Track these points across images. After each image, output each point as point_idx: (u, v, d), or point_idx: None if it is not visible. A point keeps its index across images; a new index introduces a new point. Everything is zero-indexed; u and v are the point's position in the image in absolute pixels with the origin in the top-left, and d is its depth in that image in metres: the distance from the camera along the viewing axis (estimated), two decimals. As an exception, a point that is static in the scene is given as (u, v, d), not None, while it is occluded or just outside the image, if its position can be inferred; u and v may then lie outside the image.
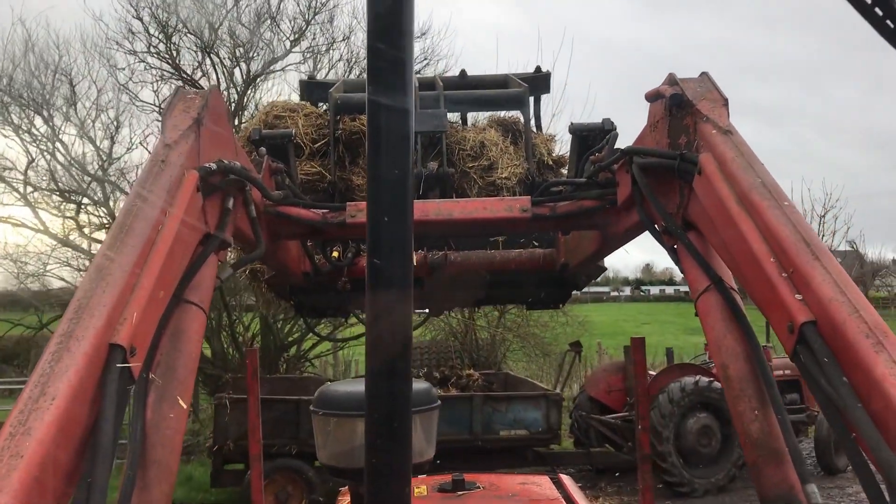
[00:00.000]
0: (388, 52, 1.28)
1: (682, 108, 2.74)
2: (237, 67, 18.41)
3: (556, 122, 18.28)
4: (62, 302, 17.35)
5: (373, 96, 1.27)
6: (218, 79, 17.84)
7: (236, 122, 16.29)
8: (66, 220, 18.27)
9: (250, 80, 18.31)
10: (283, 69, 18.72)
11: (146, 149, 17.84)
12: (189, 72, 17.82)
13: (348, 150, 4.85)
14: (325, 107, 5.18)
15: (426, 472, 2.55)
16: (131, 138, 20.01)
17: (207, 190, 2.67)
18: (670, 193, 2.78)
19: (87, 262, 17.41)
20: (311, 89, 5.40)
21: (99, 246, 15.49)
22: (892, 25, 1.76)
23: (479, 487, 2.97)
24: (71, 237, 18.08)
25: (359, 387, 1.97)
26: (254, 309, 16.38)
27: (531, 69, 5.51)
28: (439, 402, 2.07)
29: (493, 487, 3.00)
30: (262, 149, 3.79)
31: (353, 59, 18.50)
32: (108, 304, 1.99)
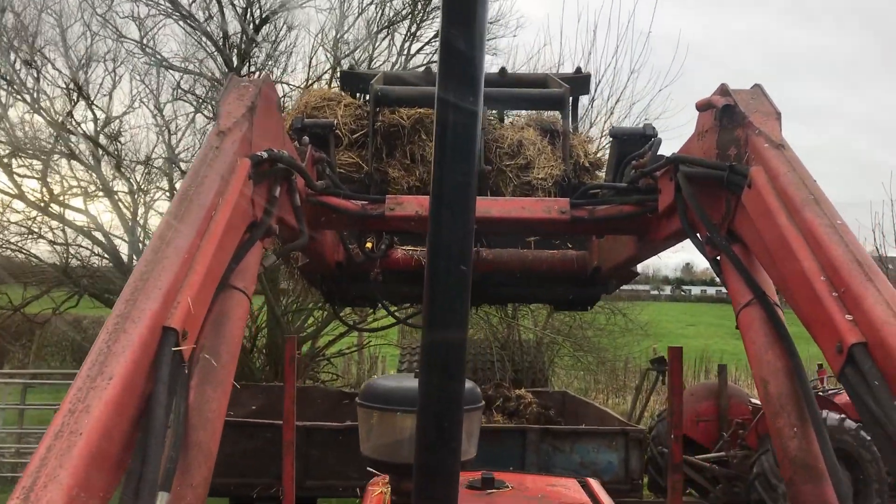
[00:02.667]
0: (462, 51, 1.28)
1: (733, 120, 2.72)
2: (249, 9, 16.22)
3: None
4: (41, 279, 15.71)
5: (443, 94, 1.27)
6: (222, 11, 15.67)
7: (246, 69, 14.97)
8: (46, 185, 15.76)
9: (263, 19, 16.13)
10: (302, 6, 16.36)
11: (146, 106, 15.94)
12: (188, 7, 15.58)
13: (386, 142, 4.87)
14: (363, 98, 5.22)
15: (466, 470, 2.58)
16: (132, 96, 17.11)
17: (257, 178, 2.70)
18: (715, 204, 2.76)
19: (68, 233, 15.76)
20: (351, 80, 5.43)
21: (84, 218, 14.68)
22: None
23: (508, 487, 2.98)
24: (53, 206, 15.59)
25: (405, 382, 1.99)
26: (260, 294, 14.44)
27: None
28: (483, 402, 2.08)
29: (521, 487, 3.02)
30: (306, 138, 3.82)
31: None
32: (164, 287, 2.03)
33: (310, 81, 15.26)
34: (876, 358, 1.91)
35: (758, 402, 10.29)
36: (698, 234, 2.86)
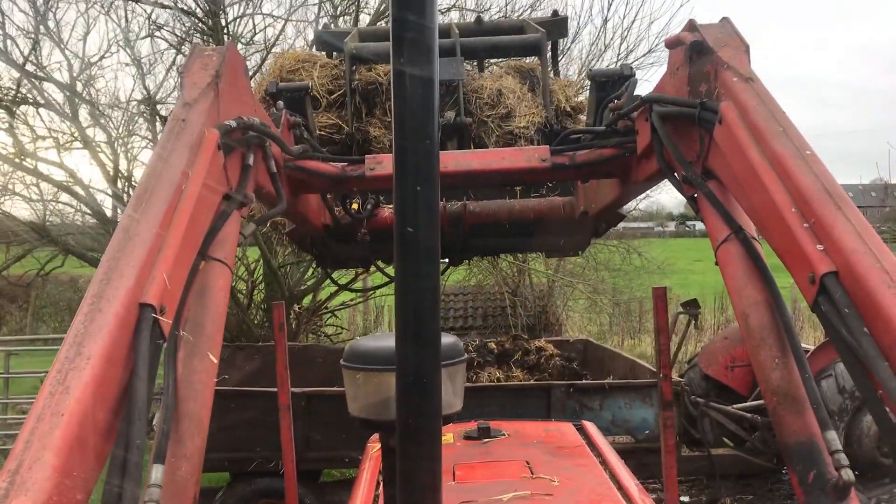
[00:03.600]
0: (413, 21, 1.27)
1: (702, 55, 2.69)
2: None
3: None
4: (22, 240, 14.49)
5: (398, 66, 1.27)
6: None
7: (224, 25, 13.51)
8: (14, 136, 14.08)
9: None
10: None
11: (122, 48, 14.09)
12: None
13: (365, 100, 4.83)
14: (339, 57, 5.15)
15: (454, 422, 2.62)
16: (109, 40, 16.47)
17: (228, 147, 2.68)
18: (690, 142, 2.75)
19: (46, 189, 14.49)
20: (326, 40, 5.35)
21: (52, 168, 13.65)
22: None
23: (504, 435, 3.04)
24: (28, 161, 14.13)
25: (386, 342, 2.01)
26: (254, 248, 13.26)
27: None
28: (466, 356, 2.10)
29: (517, 435, 3.07)
30: (280, 103, 3.79)
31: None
32: (137, 264, 2.03)
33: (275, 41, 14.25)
34: (846, 286, 1.93)
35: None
36: (675, 174, 2.85)
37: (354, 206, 4.71)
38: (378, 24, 12.76)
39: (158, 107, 13.86)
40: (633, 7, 19.12)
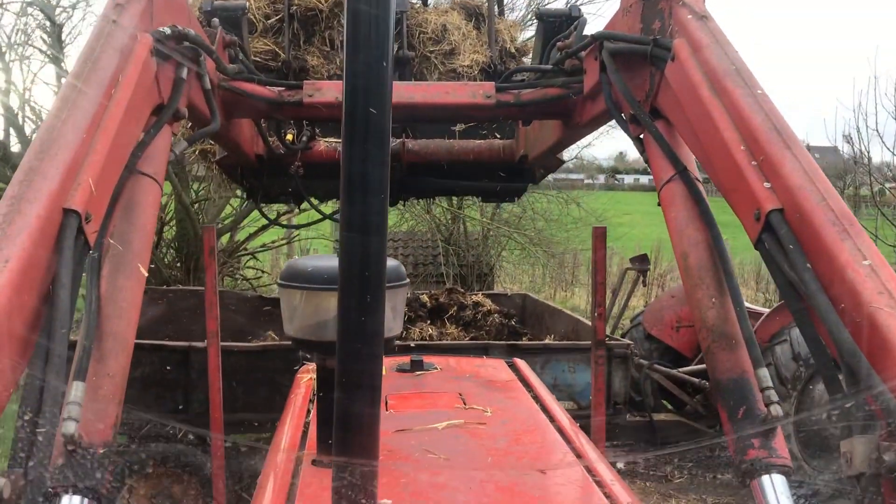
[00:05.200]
0: None
1: None
2: None
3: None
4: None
5: None
6: None
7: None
8: None
9: None
10: None
11: None
12: None
13: (303, 27, 4.66)
14: None
15: (394, 347, 2.58)
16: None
17: (161, 56, 2.53)
18: (640, 81, 2.73)
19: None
20: None
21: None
22: None
23: (436, 368, 3.03)
24: None
25: (327, 262, 1.94)
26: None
27: None
28: (408, 280, 2.06)
29: (449, 369, 3.06)
30: (216, 20, 3.60)
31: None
32: (61, 167, 1.90)
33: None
34: (791, 223, 1.95)
35: (752, 305, 9.67)
36: (623, 113, 2.84)
37: (289, 137, 4.56)
38: None
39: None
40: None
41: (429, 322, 8.52)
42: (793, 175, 1.98)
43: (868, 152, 16.81)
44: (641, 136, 2.74)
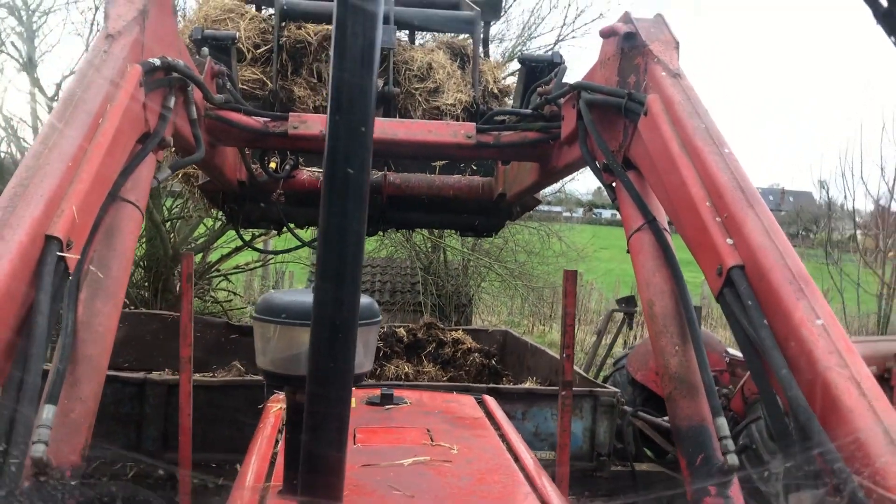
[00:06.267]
0: None
1: (634, 48, 2.77)
2: None
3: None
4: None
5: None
6: None
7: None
8: None
9: None
10: None
11: None
12: None
13: (292, 58, 4.73)
14: (268, 12, 5.01)
15: (362, 383, 2.62)
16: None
17: (150, 86, 2.58)
18: (614, 131, 2.83)
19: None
20: None
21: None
22: (884, 4, 1.83)
23: (406, 403, 3.06)
24: None
25: (302, 297, 1.99)
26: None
27: None
28: (380, 317, 2.11)
29: (419, 403, 3.10)
30: (205, 49, 3.66)
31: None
32: (46, 194, 1.94)
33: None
34: (752, 280, 2.03)
35: (736, 352, 8.90)
36: (597, 161, 2.93)
37: (272, 164, 4.61)
38: None
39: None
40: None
41: (405, 359, 8.18)
42: (754, 233, 2.07)
43: (853, 199, 17.20)
44: (614, 184, 2.83)
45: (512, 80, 5.41)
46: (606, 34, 2.93)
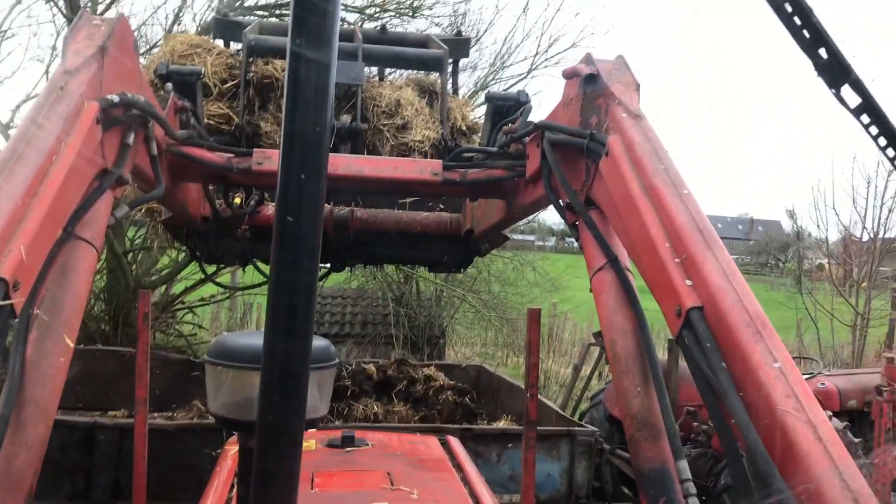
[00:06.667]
0: (316, 3, 1.24)
1: (595, 89, 2.80)
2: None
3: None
4: None
5: (295, 48, 1.23)
6: None
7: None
8: None
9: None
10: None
11: None
12: None
13: (259, 94, 4.71)
14: (236, 47, 5.01)
15: (317, 427, 2.57)
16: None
17: (107, 123, 2.55)
18: (577, 171, 2.84)
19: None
20: (224, 28, 5.19)
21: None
22: (807, 35, 1.87)
23: (368, 445, 3.01)
24: None
25: (254, 340, 1.95)
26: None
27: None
28: (337, 360, 2.07)
29: (382, 445, 3.05)
30: (169, 85, 3.64)
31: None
32: None
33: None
34: (710, 321, 2.03)
35: None
36: (560, 200, 2.94)
37: (237, 200, 4.57)
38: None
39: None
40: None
41: (374, 398, 7.90)
42: (712, 275, 2.07)
43: (827, 230, 17.43)
44: (577, 223, 2.83)
45: (481, 116, 5.45)
46: (569, 75, 2.96)
